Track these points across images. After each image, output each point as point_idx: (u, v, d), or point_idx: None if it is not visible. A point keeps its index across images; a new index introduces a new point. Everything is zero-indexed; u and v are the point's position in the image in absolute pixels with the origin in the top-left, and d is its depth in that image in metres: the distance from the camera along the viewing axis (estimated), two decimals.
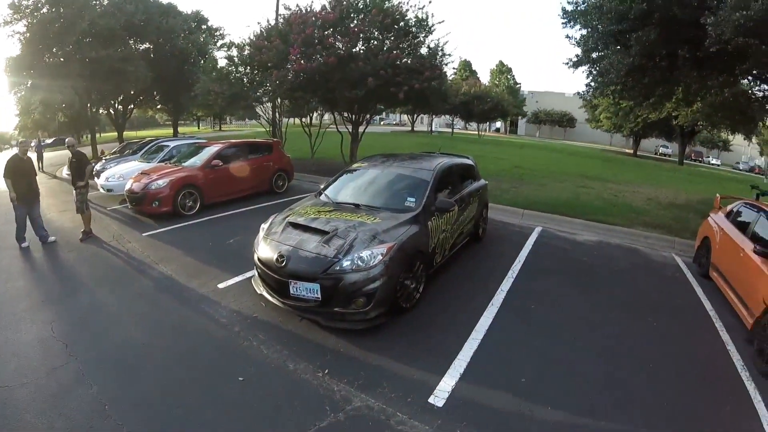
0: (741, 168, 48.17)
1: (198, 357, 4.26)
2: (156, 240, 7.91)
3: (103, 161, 13.87)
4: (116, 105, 26.86)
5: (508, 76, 65.14)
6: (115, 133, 28.67)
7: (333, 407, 3.55)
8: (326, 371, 4.00)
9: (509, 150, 30.24)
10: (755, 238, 5.81)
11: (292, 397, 3.64)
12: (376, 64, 11.64)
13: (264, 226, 5.54)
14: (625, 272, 7.31)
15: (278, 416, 3.44)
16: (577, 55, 11.65)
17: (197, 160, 10.28)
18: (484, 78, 64.69)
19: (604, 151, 44.72)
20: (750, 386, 4.17)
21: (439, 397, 3.68)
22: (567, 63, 12.31)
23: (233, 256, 6.91)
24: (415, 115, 48.77)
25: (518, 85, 65.59)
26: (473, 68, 66.13)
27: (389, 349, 4.39)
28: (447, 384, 3.86)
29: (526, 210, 11.11)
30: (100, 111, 26.69)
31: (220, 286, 5.86)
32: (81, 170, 7.92)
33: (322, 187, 6.62)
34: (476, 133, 54.46)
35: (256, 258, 5.11)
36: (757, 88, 11.62)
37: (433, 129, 54.26)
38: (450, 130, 53.67)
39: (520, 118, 61.46)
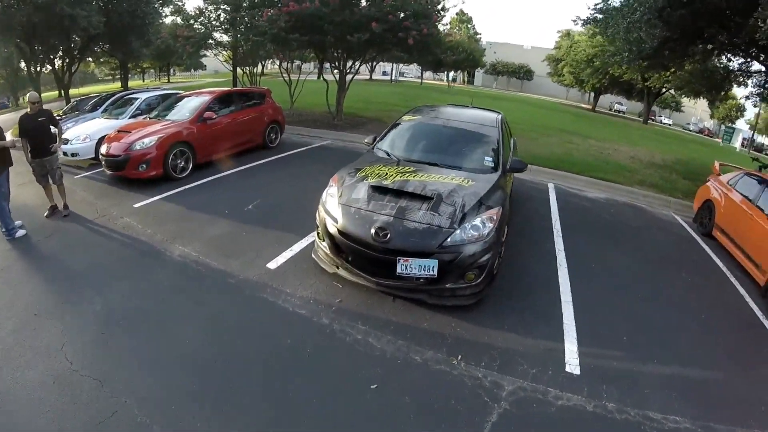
0: (691, 129, 53.53)
1: (300, 367, 3.59)
2: (154, 211, 6.91)
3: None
4: (60, 59, 23.69)
5: (468, 26, 64.28)
6: (55, 92, 25.27)
7: (491, 397, 3.45)
8: (459, 358, 3.83)
9: (485, 102, 29.82)
10: (765, 205, 6.83)
11: (443, 396, 3.38)
12: (383, 6, 10.98)
13: (331, 191, 4.87)
14: (643, 230, 8.27)
15: (444, 422, 3.16)
16: (589, 17, 12.59)
17: (186, 113, 9.25)
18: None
19: (563, 104, 47.20)
20: None
21: (572, 365, 3.92)
22: (575, 20, 13.36)
23: (262, 225, 6.35)
24: (374, 64, 47.44)
25: (479, 36, 65.12)
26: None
27: (500, 322, 4.43)
28: (571, 351, 4.12)
29: (531, 165, 11.41)
30: (43, 67, 23.46)
31: (271, 266, 5.19)
32: (49, 132, 6.57)
33: (368, 141, 6.38)
34: (440, 83, 55.29)
35: (333, 230, 4.49)
36: (731, 61, 13.08)
37: (394, 78, 52.97)
38: (404, 79, 52.83)
39: (477, 69, 61.47)
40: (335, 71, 14.63)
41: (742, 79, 13.54)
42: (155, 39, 23.99)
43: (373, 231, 4.17)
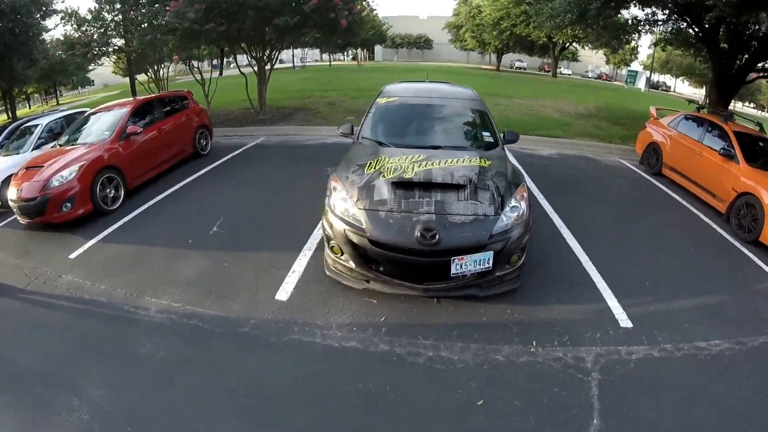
0: (590, 76, 58.78)
1: (391, 412, 3.20)
2: (99, 259, 5.69)
3: None
4: None
5: (364, 3, 63.63)
6: None
7: (582, 371, 3.62)
8: (534, 344, 3.88)
9: (399, 74, 30.02)
10: (712, 143, 8.01)
11: (544, 386, 3.44)
12: None
13: (340, 195, 4.38)
14: (604, 179, 9.17)
15: (559, 412, 3.23)
16: None
17: (103, 132, 7.95)
18: None
19: (468, 68, 49.71)
20: (744, 249, 6.23)
21: (624, 320, 4.30)
22: None
23: (242, 249, 5.67)
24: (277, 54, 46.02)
25: (374, 12, 64.99)
26: None
27: (543, 296, 4.59)
28: (616, 307, 4.49)
29: None
30: None
31: (281, 297, 4.55)
32: None
33: (345, 131, 5.97)
34: (348, 63, 55.80)
35: (360, 241, 4.05)
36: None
37: (295, 64, 51.33)
38: (306, 64, 51.64)
39: (378, 44, 61.76)
40: (253, 62, 13.66)
41: (648, 27, 15.04)
42: (41, 57, 20.93)
43: (417, 234, 3.84)
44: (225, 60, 22.14)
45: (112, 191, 7.32)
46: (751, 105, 50.47)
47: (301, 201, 7.18)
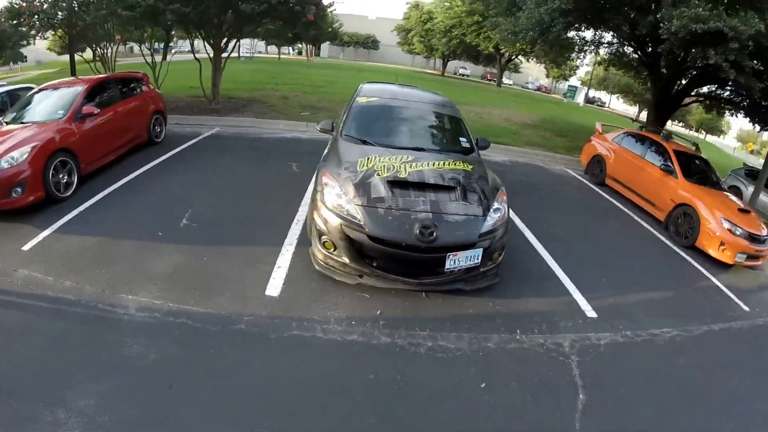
0: (530, 87, 62.50)
1: (402, 398, 3.41)
2: (57, 251, 5.22)
3: None
4: None
5: None
6: None
7: (562, 355, 4.21)
8: (518, 332, 4.38)
9: (351, 74, 31.34)
10: (653, 159, 9.08)
11: (533, 368, 3.92)
12: None
13: (334, 191, 4.50)
14: (555, 186, 10.01)
15: (550, 390, 3.71)
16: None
17: (56, 110, 7.28)
18: None
19: (413, 71, 50.39)
20: (682, 253, 7.36)
21: (589, 311, 4.98)
22: None
23: (219, 243, 5.51)
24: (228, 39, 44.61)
25: (333, 8, 64.58)
26: None
27: (518, 290, 5.09)
28: (581, 300, 5.15)
29: None
30: None
31: (272, 293, 4.51)
32: None
33: (325, 127, 6.08)
34: (296, 57, 55.28)
35: (359, 236, 4.22)
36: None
37: (241, 55, 49.78)
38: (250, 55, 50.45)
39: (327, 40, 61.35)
40: (209, 49, 13.16)
41: (593, 48, 16.36)
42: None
43: (417, 231, 4.08)
44: (169, 45, 21.00)
45: (65, 177, 6.75)
46: (681, 124, 55.18)
47: (270, 195, 7.15)
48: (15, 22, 12.36)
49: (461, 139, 5.94)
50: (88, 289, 4.51)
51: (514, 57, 44.78)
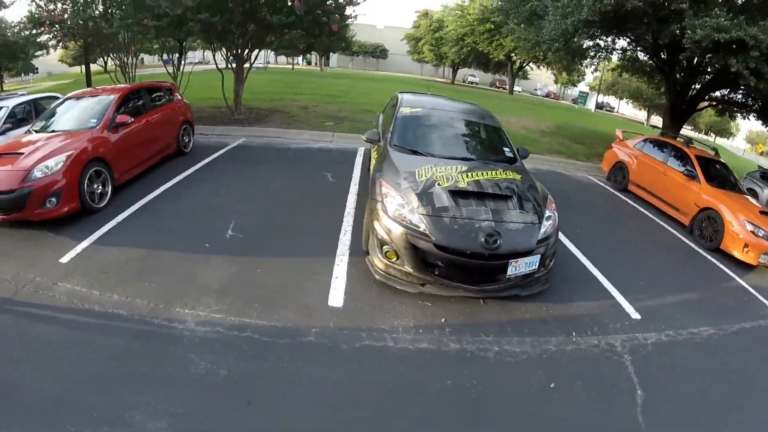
0: (539, 94, 62.58)
1: (480, 403, 3.48)
2: (98, 263, 5.10)
3: None
4: None
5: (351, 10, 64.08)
6: None
7: (616, 354, 4.36)
8: (574, 334, 4.47)
9: (366, 83, 31.75)
10: (676, 164, 9.19)
11: (594, 368, 4.07)
12: None
13: (395, 201, 4.57)
14: (579, 193, 10.04)
15: (612, 387, 3.86)
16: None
17: (90, 119, 7.23)
18: None
19: (424, 80, 50.24)
20: (708, 255, 7.48)
21: (633, 313, 5.11)
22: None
23: (269, 254, 5.46)
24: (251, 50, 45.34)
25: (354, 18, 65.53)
26: None
27: (565, 295, 5.17)
28: (625, 303, 5.27)
29: None
30: None
31: (335, 303, 4.53)
32: None
33: (371, 137, 6.29)
34: (307, 68, 55.76)
35: (425, 245, 4.31)
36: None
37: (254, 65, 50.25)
38: (265, 66, 50.89)
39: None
40: (231, 60, 13.29)
41: (605, 54, 16.38)
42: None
43: (482, 239, 4.19)
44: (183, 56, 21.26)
45: (100, 187, 6.69)
46: (690, 128, 54.91)
47: (310, 205, 7.12)
48: (36, 31, 12.34)
49: (505, 149, 6.07)
50: (139, 303, 4.39)
51: (525, 64, 44.63)
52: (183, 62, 13.94)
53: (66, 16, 11.00)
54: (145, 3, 10.15)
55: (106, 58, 14.25)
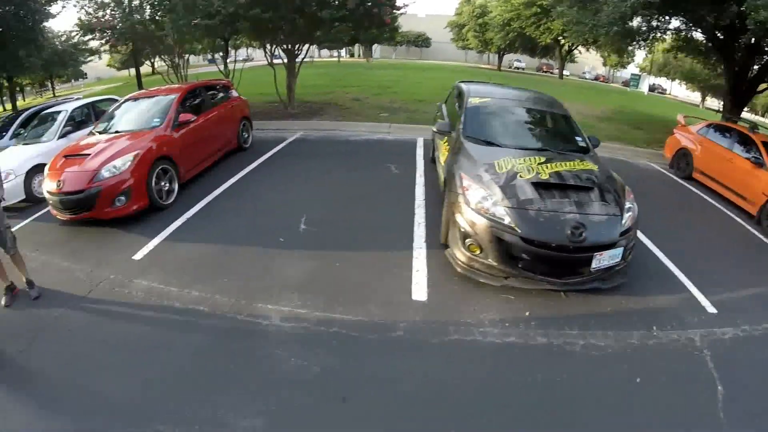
0: (587, 77, 60.03)
1: (571, 396, 3.44)
2: (172, 260, 5.16)
3: None
4: None
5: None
6: None
7: (696, 349, 4.11)
8: (654, 328, 4.28)
9: (414, 73, 31.50)
10: (742, 151, 8.54)
11: (677, 362, 3.91)
12: None
13: (479, 194, 4.52)
14: (642, 181, 9.28)
15: (694, 382, 3.72)
16: None
17: (153, 119, 7.40)
18: None
19: (470, 67, 50.20)
20: None
21: (709, 307, 4.78)
22: None
23: (343, 248, 5.40)
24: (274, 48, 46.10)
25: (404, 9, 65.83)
26: None
27: (641, 288, 4.92)
28: (701, 297, 4.92)
29: None
30: None
31: (419, 297, 4.46)
32: None
33: (441, 128, 6.23)
34: (351, 60, 56.30)
35: (511, 238, 4.24)
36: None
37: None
38: (311, 59, 51.65)
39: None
40: (283, 55, 13.41)
41: (660, 35, 15.60)
42: (46, 44, 19.99)
43: (568, 231, 4.12)
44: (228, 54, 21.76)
45: (167, 184, 6.83)
46: (746, 109, 51.48)
47: (378, 197, 7.03)
48: (87, 37, 12.67)
49: (577, 138, 5.87)
50: (220, 300, 4.38)
51: (574, 48, 43.06)
52: (230, 60, 14.10)
53: (115, 21, 11.24)
54: (196, 3, 10.22)
55: (153, 60, 14.58)
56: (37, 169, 7.37)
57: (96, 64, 45.97)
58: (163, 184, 6.71)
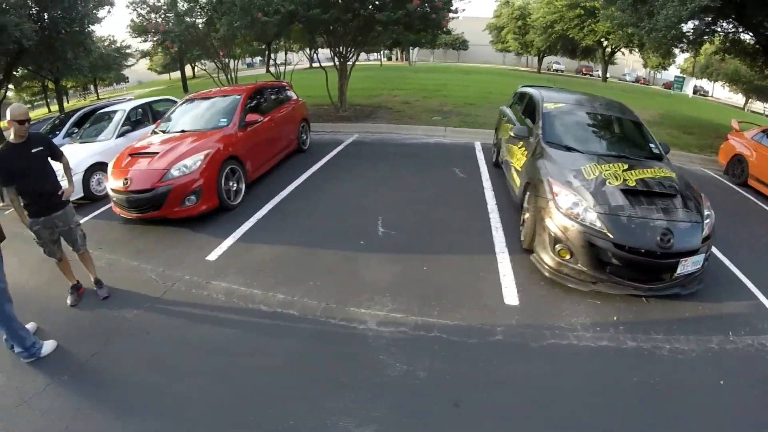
0: (628, 79, 59.26)
1: (664, 399, 3.45)
2: (249, 262, 5.11)
3: None
4: None
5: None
6: None
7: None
8: (730, 333, 4.25)
9: (458, 76, 31.62)
10: None
11: (758, 366, 3.86)
12: None
13: (570, 200, 4.60)
14: (700, 188, 8.90)
15: None
16: None
17: (219, 119, 7.42)
18: None
19: (510, 70, 49.82)
20: None
21: None
22: None
23: (427, 252, 5.32)
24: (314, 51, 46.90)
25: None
26: None
27: (713, 293, 4.86)
28: (762, 296, 4.85)
29: None
30: None
31: (510, 302, 4.45)
32: (51, 171, 4.44)
33: (519, 133, 6.23)
34: (393, 63, 57.27)
35: (603, 244, 4.35)
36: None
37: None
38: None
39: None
40: (323, 58, 13.59)
41: (709, 38, 15.36)
42: (94, 47, 20.69)
43: (658, 238, 4.24)
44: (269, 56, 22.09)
45: (235, 184, 6.83)
46: None
47: (448, 201, 6.95)
48: (139, 39, 12.92)
49: (651, 145, 5.94)
50: (309, 303, 4.30)
51: (618, 49, 42.15)
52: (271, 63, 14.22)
53: (170, 24, 11.46)
54: (253, 3, 10.33)
55: (194, 64, 14.81)
56: (95, 168, 7.52)
57: (137, 68, 47.55)
58: (231, 184, 6.71)
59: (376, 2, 10.84)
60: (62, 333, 4.04)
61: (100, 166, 7.53)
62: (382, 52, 55.49)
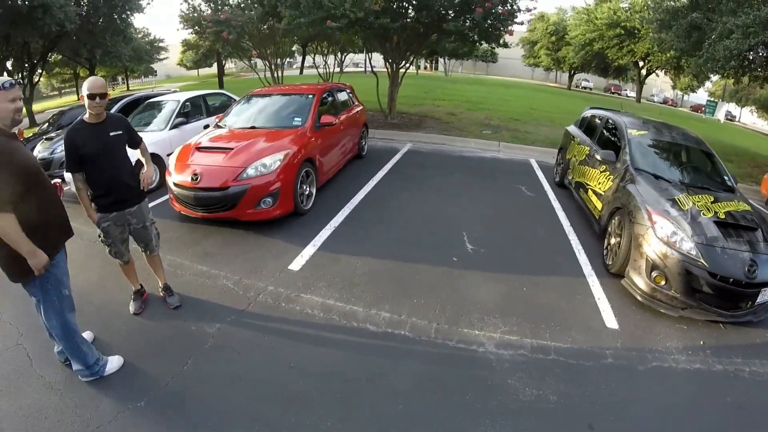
0: (655, 100, 59.98)
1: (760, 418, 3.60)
2: (344, 274, 4.95)
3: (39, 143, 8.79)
4: (22, 66, 19.58)
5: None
6: None
7: None
8: None
9: (498, 89, 31.80)
10: None
11: None
12: None
13: (669, 229, 4.88)
14: None
15: None
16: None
17: (293, 118, 7.25)
18: None
19: (540, 85, 50.28)
20: None
21: None
22: None
23: (523, 272, 5.35)
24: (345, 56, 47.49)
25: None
26: None
27: None
28: None
29: None
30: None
31: (611, 325, 4.60)
32: (128, 159, 3.91)
33: (607, 158, 6.54)
34: (427, 72, 57.90)
35: (699, 272, 4.64)
36: None
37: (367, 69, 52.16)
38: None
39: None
40: (387, 64, 13.53)
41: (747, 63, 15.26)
42: (133, 36, 21.06)
43: (746, 268, 4.54)
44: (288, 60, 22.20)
45: (307, 188, 6.61)
46: None
47: (523, 219, 7.03)
48: (194, 29, 13.03)
49: (725, 177, 6.24)
50: (419, 323, 4.20)
51: (654, 70, 42.09)
52: (291, 66, 14.31)
53: (229, 16, 11.56)
54: (323, 3, 10.42)
55: (225, 62, 14.82)
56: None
57: (165, 63, 48.13)
58: (304, 188, 6.48)
59: (442, 12, 10.77)
60: (128, 347, 3.63)
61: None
62: (415, 60, 55.55)
